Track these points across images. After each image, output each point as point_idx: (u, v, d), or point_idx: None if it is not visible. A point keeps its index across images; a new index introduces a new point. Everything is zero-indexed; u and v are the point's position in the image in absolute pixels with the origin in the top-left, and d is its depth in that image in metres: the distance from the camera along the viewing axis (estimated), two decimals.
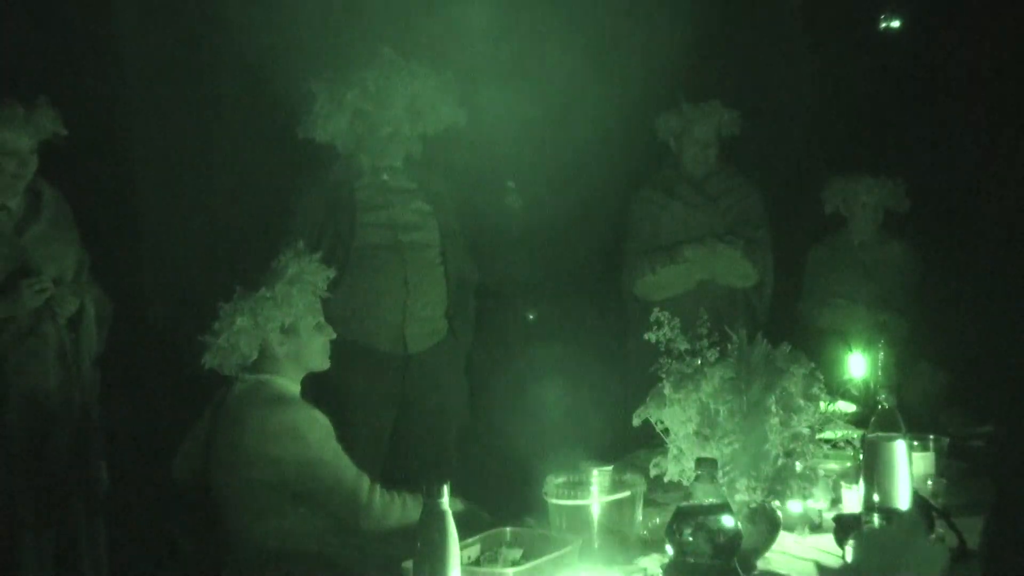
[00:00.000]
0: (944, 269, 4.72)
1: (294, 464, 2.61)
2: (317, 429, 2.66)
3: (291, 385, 2.79)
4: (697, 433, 2.18)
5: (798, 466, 2.19)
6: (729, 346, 2.25)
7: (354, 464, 2.68)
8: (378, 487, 2.67)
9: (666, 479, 2.27)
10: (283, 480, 2.61)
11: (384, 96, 3.66)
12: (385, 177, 3.74)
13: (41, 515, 3.06)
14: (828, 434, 2.83)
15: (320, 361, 2.86)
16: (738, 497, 2.13)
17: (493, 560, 2.07)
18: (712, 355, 2.22)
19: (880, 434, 2.31)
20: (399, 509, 2.67)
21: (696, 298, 4.09)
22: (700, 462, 1.86)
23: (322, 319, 2.85)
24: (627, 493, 2.27)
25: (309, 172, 3.81)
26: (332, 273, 2.90)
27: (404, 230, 3.72)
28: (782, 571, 2.19)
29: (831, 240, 4.83)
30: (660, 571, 1.91)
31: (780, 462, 2.18)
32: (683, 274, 4.24)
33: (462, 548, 1.86)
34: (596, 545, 2.20)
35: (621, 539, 2.23)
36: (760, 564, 2.19)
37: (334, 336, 2.88)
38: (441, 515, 1.72)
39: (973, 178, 4.93)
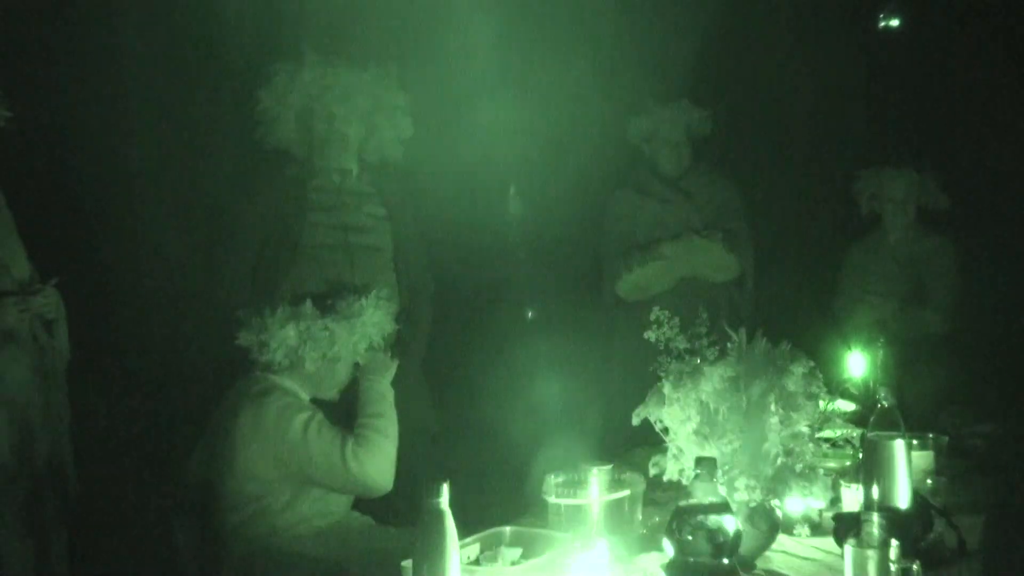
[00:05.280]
0: (965, 266, 4.71)
1: (287, 447, 2.64)
2: (297, 410, 2.70)
3: (292, 385, 2.81)
4: (696, 432, 2.18)
5: (798, 465, 2.19)
6: (729, 345, 2.25)
7: (334, 433, 2.69)
8: (350, 448, 2.66)
9: (665, 478, 2.27)
10: (281, 464, 2.65)
11: (309, 91, 3.64)
12: (336, 179, 3.72)
13: (24, 521, 3.05)
14: (828, 433, 2.83)
15: (333, 392, 2.91)
16: (737, 496, 2.13)
17: (492, 559, 2.07)
18: (711, 354, 2.22)
19: (880, 433, 2.31)
20: (378, 449, 2.69)
21: (678, 296, 4.08)
22: (699, 461, 1.86)
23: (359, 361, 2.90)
24: (626, 492, 2.27)
25: (260, 172, 3.80)
26: (392, 328, 2.97)
27: (355, 232, 3.69)
28: (782, 570, 2.19)
29: (867, 238, 4.81)
30: (660, 570, 1.91)
31: (780, 461, 2.18)
32: (662, 272, 4.21)
33: (461, 547, 1.86)
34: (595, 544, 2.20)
35: (620, 538, 2.23)
36: (759, 563, 2.19)
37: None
38: (440, 515, 1.72)
39: (976, 177, 4.93)
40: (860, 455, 2.52)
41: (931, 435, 2.82)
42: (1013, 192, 4.85)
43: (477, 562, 2.07)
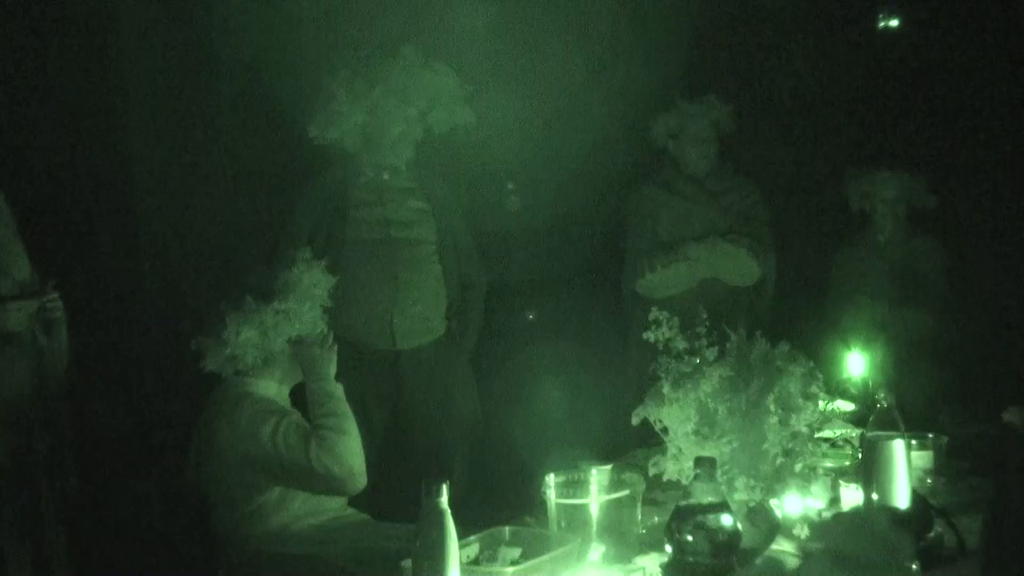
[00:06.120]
0: (954, 267, 4.71)
1: (261, 456, 2.65)
2: (268, 415, 2.68)
3: (270, 386, 2.81)
4: (696, 432, 2.18)
5: (797, 465, 2.20)
6: (728, 345, 2.25)
7: (299, 436, 2.67)
8: (314, 451, 2.63)
9: (665, 478, 2.27)
10: (254, 471, 2.66)
11: (407, 93, 3.68)
12: (386, 176, 3.75)
13: (22, 522, 3.05)
14: (827, 433, 2.83)
15: None
16: (737, 496, 2.13)
17: (492, 559, 2.07)
18: (711, 354, 2.23)
19: (879, 433, 2.31)
20: (339, 445, 2.65)
21: (697, 297, 4.06)
22: (699, 461, 1.86)
23: (325, 327, 2.86)
24: (626, 492, 2.26)
25: (311, 174, 3.83)
26: (333, 281, 2.91)
27: (397, 227, 3.72)
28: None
29: (856, 239, 4.81)
30: (659, 570, 1.91)
31: (779, 461, 2.18)
32: (685, 272, 4.18)
33: (461, 547, 1.86)
34: (595, 544, 2.20)
35: (620, 538, 2.23)
36: (759, 563, 2.19)
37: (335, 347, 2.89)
38: (440, 514, 1.72)
39: (974, 176, 4.93)
40: (859, 455, 2.52)
41: (931, 435, 2.82)
42: (1000, 191, 4.86)
43: (477, 562, 2.06)
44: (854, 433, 2.95)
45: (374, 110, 3.67)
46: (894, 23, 5.54)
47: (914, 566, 1.86)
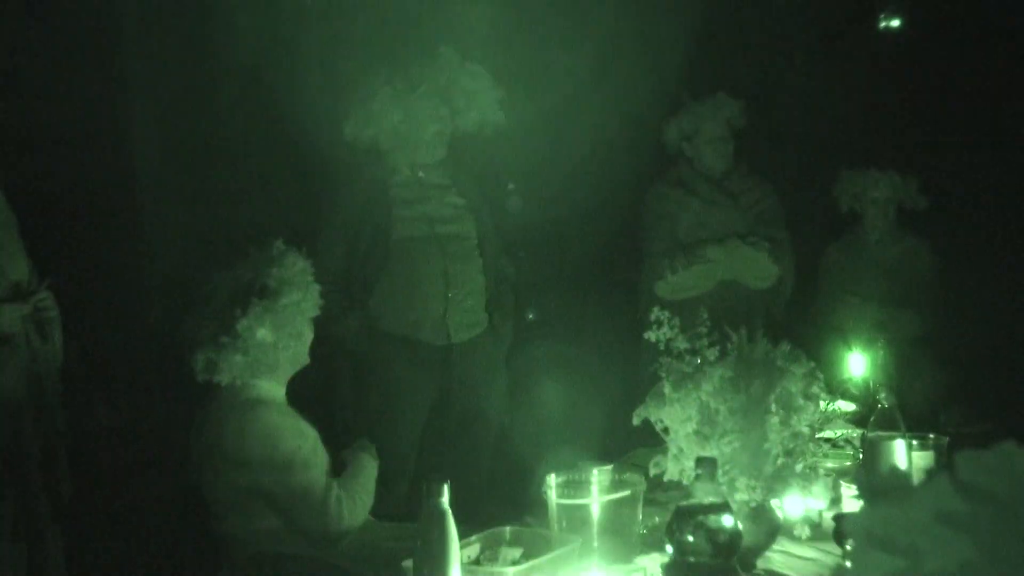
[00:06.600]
0: (945, 267, 4.71)
1: (267, 468, 2.60)
2: (290, 436, 2.64)
3: (275, 388, 2.77)
4: (697, 432, 2.18)
5: (798, 465, 2.19)
6: (729, 345, 2.25)
7: (325, 475, 2.64)
8: (335, 494, 2.61)
9: (666, 478, 2.27)
10: (257, 484, 2.61)
11: (448, 94, 3.73)
12: (421, 174, 3.79)
13: (15, 525, 3.04)
14: (828, 433, 2.83)
15: (305, 357, 2.84)
16: (738, 496, 2.13)
17: (493, 559, 2.06)
18: (712, 354, 2.22)
19: (880, 433, 2.31)
20: (361, 508, 2.66)
21: (715, 298, 4.04)
22: (700, 461, 1.86)
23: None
24: (627, 492, 2.26)
25: (343, 173, 3.85)
26: (309, 263, 2.83)
27: (441, 222, 3.77)
28: (782, 571, 2.19)
29: (846, 238, 4.81)
30: (660, 571, 1.91)
31: (780, 461, 2.18)
32: (705, 274, 4.15)
33: (462, 547, 1.86)
34: (596, 544, 2.20)
35: (621, 538, 2.23)
36: (760, 563, 2.19)
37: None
38: (441, 515, 1.72)
39: (975, 176, 4.93)
40: (860, 455, 2.52)
41: (931, 435, 2.83)
42: (993, 191, 4.87)
43: (477, 562, 2.06)
44: (855, 433, 2.95)
45: (411, 109, 3.70)
46: (895, 23, 5.54)
47: None
